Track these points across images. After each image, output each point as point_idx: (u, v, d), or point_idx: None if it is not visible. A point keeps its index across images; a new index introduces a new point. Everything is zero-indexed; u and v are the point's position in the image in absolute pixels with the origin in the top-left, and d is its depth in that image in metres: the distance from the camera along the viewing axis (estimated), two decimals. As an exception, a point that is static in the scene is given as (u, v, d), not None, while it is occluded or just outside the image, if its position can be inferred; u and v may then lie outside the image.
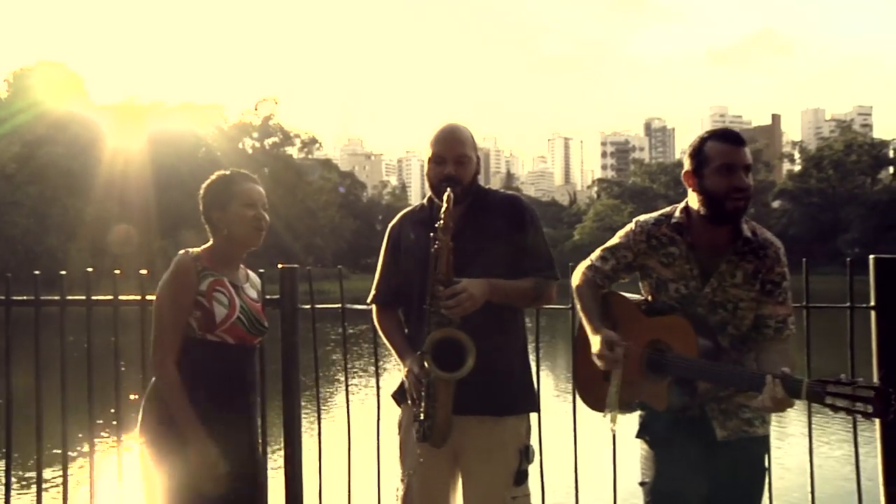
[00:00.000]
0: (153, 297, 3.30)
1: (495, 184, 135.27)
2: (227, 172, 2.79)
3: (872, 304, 2.90)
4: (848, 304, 2.94)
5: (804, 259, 3.01)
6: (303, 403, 3.50)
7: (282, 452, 3.37)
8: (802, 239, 62.56)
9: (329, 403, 10.09)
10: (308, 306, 3.39)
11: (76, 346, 3.51)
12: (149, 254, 41.68)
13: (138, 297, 3.39)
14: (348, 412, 3.45)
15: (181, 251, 2.71)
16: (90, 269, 3.56)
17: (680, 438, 2.52)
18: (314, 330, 3.39)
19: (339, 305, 3.39)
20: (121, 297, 3.45)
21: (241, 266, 2.80)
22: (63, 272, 3.57)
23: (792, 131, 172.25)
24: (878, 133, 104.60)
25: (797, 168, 79.13)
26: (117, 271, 3.58)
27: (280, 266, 3.43)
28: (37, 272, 3.64)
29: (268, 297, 3.27)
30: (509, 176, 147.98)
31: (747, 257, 2.49)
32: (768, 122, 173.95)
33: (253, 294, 2.79)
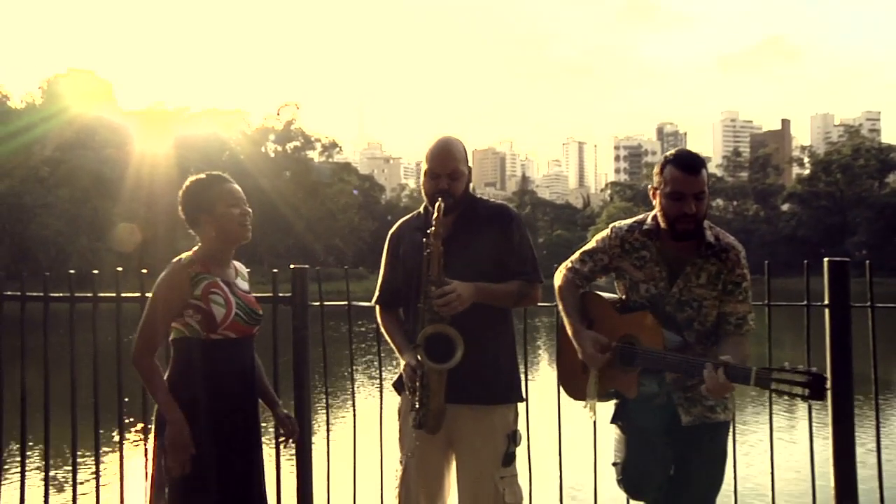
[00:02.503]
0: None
1: (511, 187, 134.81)
2: (203, 176, 2.81)
3: (826, 302, 3.12)
4: (805, 302, 3.17)
5: (766, 262, 3.24)
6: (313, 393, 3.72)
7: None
8: (811, 241, 62.34)
9: (337, 393, 10.35)
10: (318, 303, 3.62)
11: (92, 342, 3.71)
12: (174, 253, 42.66)
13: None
14: (354, 401, 3.73)
15: (175, 258, 2.76)
16: (119, 269, 3.77)
17: (649, 423, 2.75)
18: (323, 325, 3.64)
19: (346, 303, 3.63)
20: (147, 294, 3.61)
21: (231, 261, 2.85)
22: (96, 271, 3.79)
23: (801, 136, 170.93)
24: (886, 138, 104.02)
25: (806, 172, 78.63)
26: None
27: (292, 266, 3.67)
28: (72, 271, 3.86)
29: (280, 294, 3.53)
30: (524, 179, 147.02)
31: (710, 260, 2.72)
32: (778, 126, 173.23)
33: (245, 286, 2.85)
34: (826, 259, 3.17)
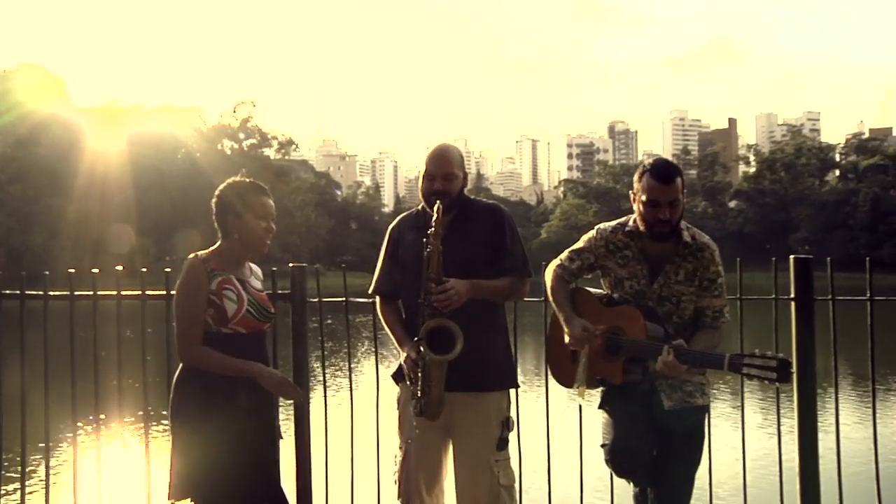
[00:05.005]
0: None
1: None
2: (247, 181, 2.94)
3: (792, 296, 3.37)
4: (773, 296, 3.42)
5: (738, 259, 3.49)
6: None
7: (292, 426, 3.72)
8: (757, 237, 64.53)
9: (336, 384, 10.49)
10: (315, 300, 3.75)
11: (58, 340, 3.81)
12: (129, 251, 42.10)
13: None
14: (351, 391, 3.87)
15: (191, 255, 2.87)
16: (119, 267, 3.84)
17: (633, 408, 2.98)
18: (321, 320, 3.77)
19: (344, 299, 3.79)
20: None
21: (246, 262, 2.97)
22: (95, 270, 3.83)
23: (747, 135, 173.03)
24: (826, 137, 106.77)
25: (752, 170, 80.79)
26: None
27: (291, 265, 3.80)
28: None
29: (279, 291, 3.60)
30: (479, 176, 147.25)
31: (687, 259, 2.98)
32: (725, 125, 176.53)
33: (258, 285, 2.97)
34: (792, 256, 3.42)
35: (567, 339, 3.03)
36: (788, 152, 75.59)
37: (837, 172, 75.44)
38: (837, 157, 76.41)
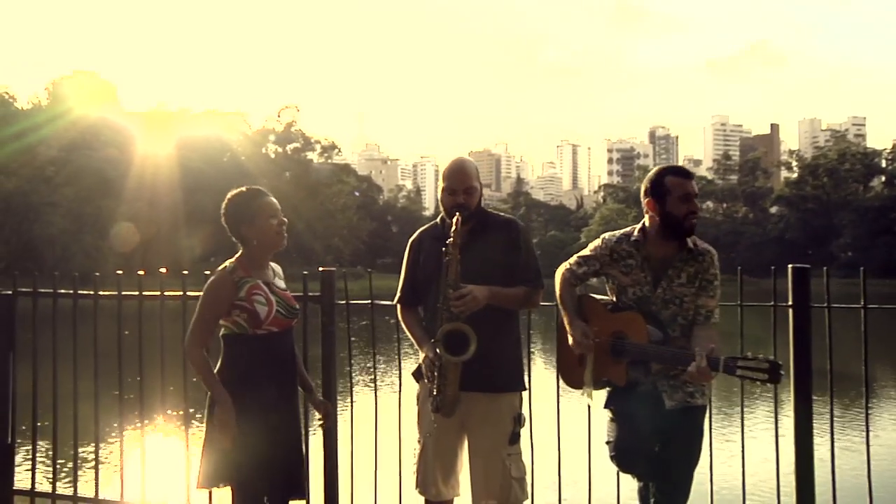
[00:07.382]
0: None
1: (506, 188, 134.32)
2: (244, 190, 3.12)
3: (790, 303, 3.50)
4: (772, 303, 3.55)
5: (738, 267, 3.65)
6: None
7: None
8: (798, 243, 63.12)
9: (360, 382, 10.73)
10: (343, 302, 3.97)
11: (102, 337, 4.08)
12: (176, 252, 42.34)
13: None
14: (376, 389, 4.08)
15: (220, 267, 3.08)
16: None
17: (636, 407, 3.14)
18: (349, 321, 4.00)
19: (369, 301, 3.98)
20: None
21: (269, 263, 3.16)
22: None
23: (790, 140, 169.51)
24: (871, 143, 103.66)
25: (794, 175, 79.36)
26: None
27: (320, 269, 4.03)
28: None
29: (310, 293, 3.85)
30: (519, 181, 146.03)
31: (689, 263, 3.16)
32: (767, 130, 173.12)
33: (281, 284, 3.16)
34: (790, 266, 3.56)
35: (570, 340, 3.21)
36: (831, 158, 74.19)
37: (883, 178, 73.70)
38: (883, 163, 74.59)
